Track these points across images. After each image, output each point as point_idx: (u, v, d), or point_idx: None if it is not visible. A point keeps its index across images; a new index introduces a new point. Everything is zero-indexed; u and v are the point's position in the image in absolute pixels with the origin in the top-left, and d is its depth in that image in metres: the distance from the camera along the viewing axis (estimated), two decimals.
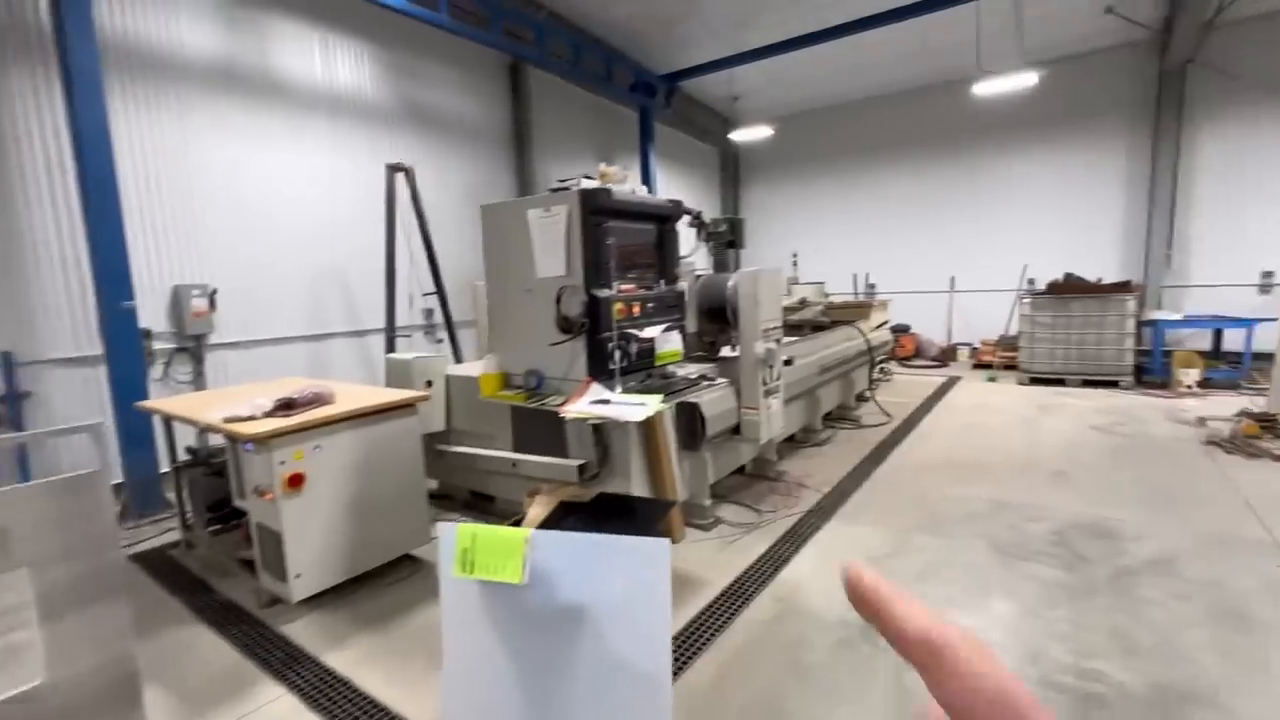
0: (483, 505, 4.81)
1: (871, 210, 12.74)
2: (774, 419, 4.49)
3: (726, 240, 4.84)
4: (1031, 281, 10.87)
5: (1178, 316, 8.80)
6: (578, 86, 9.48)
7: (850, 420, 7.11)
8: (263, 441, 3.09)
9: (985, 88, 8.93)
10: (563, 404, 3.08)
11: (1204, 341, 9.40)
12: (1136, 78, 10.05)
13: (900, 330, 11.93)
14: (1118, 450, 5.71)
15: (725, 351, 5.07)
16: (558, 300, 3.21)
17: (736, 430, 4.44)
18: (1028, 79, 8.41)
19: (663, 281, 3.82)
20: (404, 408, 3.73)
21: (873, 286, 12.83)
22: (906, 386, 9.19)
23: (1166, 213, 9.92)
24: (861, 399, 7.91)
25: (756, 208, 14.34)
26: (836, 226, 13.23)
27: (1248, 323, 8.06)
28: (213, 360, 5.75)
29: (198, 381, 5.64)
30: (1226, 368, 8.49)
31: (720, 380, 4.40)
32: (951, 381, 9.53)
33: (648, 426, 3.84)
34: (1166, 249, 9.98)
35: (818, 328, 8.16)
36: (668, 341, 3.45)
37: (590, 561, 0.52)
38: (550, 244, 3.07)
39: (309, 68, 6.31)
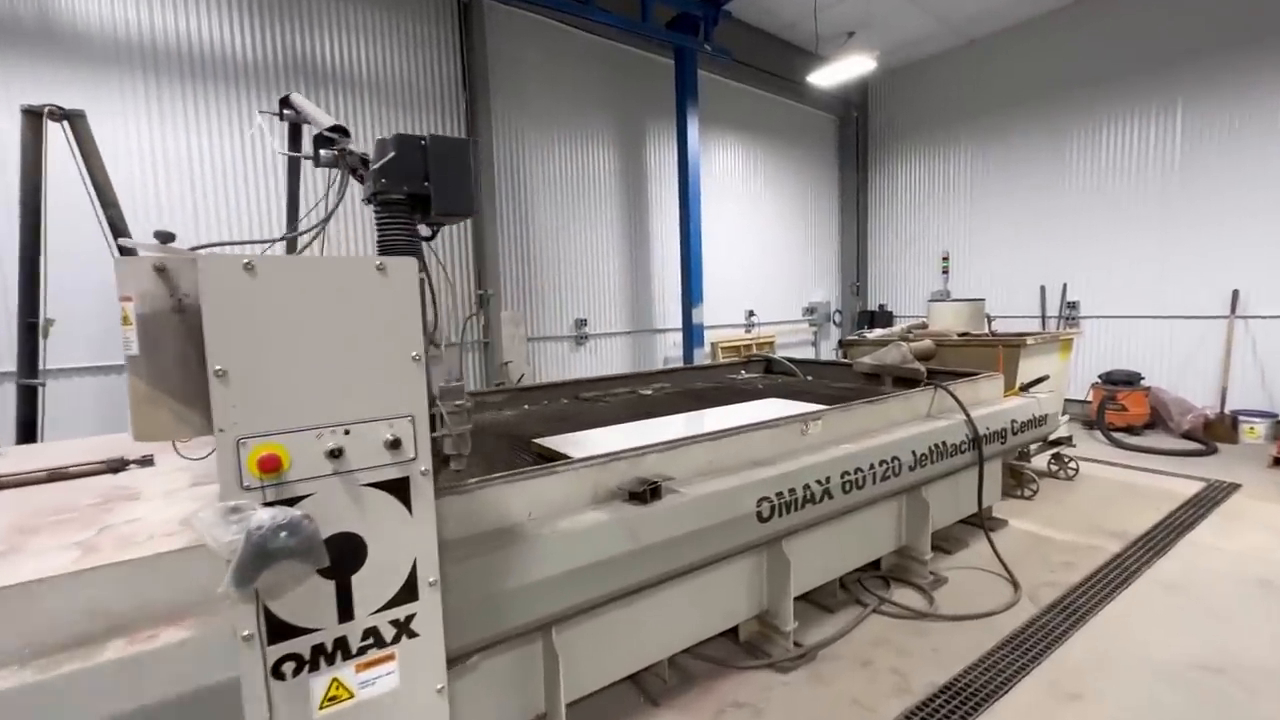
0: None
1: (1077, 189, 7.98)
2: None
3: (405, 201, 1.91)
4: None
5: None
6: (557, 23, 6.87)
7: (918, 587, 3.42)
8: None
9: None
10: None
11: None
12: None
13: (1123, 382, 7.10)
14: None
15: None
16: None
17: None
18: None
19: None
20: None
21: (1073, 306, 8.02)
22: (1103, 495, 4.85)
23: None
24: (981, 524, 4.05)
25: (894, 193, 10.22)
26: (1014, 215, 8.63)
27: None
28: None
29: None
30: None
31: None
32: (1213, 495, 4.87)
33: None
34: None
35: (904, 382, 4.52)
36: None
37: None
38: None
39: (112, 4, 4.71)
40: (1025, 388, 4.37)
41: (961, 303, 7.97)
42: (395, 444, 1.42)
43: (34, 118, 3.33)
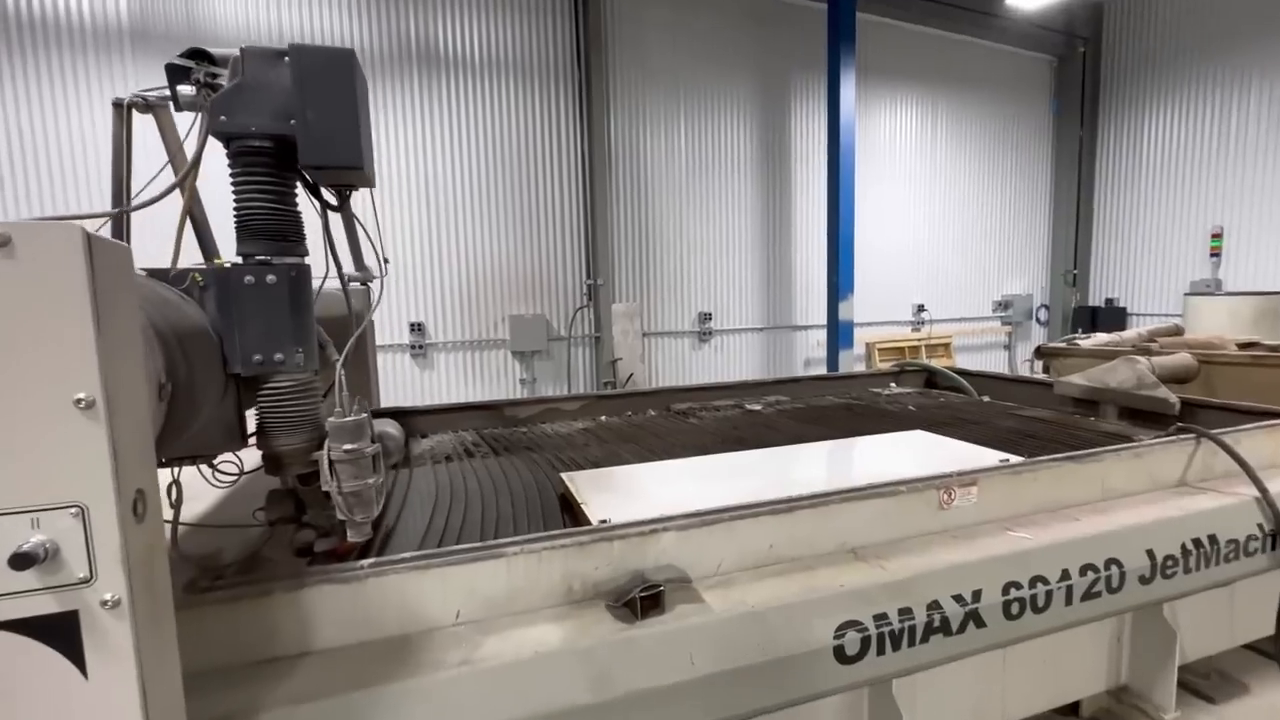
0: None
1: None
2: None
3: (269, 149, 1.28)
4: None
5: None
6: None
7: None
8: None
9: None
10: None
11: None
12: None
13: None
14: None
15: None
16: None
17: None
18: None
19: None
20: None
21: None
22: None
23: None
24: (1277, 658, 2.53)
25: (1137, 150, 7.75)
26: None
27: None
28: None
29: None
30: None
31: None
32: None
33: None
34: None
35: (1139, 417, 3.13)
36: None
37: None
38: None
39: (246, 9, 4.91)
40: None
41: (1242, 297, 5.68)
42: (32, 559, 0.79)
43: (121, 110, 3.42)
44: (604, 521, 1.74)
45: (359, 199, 2.99)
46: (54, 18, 4.54)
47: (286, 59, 1.26)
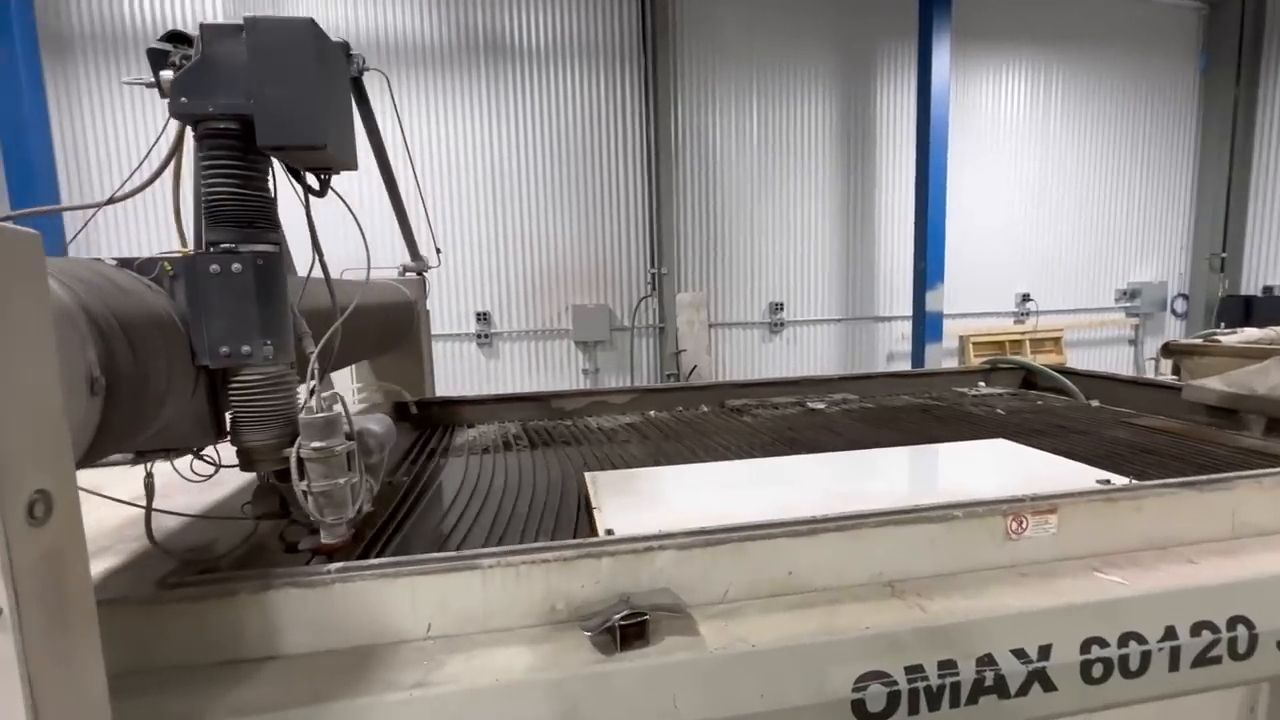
0: None
1: None
2: None
3: (235, 131, 1.18)
4: None
5: None
6: None
7: None
8: None
9: None
10: None
11: None
12: None
13: None
14: None
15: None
16: None
17: None
18: None
19: None
20: None
21: None
22: None
23: None
24: None
25: None
26: None
27: None
28: None
29: None
30: None
31: None
32: None
33: None
34: None
35: None
36: None
37: None
38: None
39: (326, 7, 5.13)
40: None
41: None
42: None
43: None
44: (609, 532, 1.60)
45: (406, 188, 2.98)
46: (153, 24, 4.98)
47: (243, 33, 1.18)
